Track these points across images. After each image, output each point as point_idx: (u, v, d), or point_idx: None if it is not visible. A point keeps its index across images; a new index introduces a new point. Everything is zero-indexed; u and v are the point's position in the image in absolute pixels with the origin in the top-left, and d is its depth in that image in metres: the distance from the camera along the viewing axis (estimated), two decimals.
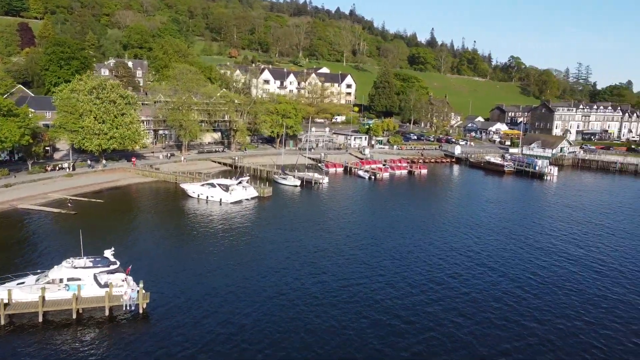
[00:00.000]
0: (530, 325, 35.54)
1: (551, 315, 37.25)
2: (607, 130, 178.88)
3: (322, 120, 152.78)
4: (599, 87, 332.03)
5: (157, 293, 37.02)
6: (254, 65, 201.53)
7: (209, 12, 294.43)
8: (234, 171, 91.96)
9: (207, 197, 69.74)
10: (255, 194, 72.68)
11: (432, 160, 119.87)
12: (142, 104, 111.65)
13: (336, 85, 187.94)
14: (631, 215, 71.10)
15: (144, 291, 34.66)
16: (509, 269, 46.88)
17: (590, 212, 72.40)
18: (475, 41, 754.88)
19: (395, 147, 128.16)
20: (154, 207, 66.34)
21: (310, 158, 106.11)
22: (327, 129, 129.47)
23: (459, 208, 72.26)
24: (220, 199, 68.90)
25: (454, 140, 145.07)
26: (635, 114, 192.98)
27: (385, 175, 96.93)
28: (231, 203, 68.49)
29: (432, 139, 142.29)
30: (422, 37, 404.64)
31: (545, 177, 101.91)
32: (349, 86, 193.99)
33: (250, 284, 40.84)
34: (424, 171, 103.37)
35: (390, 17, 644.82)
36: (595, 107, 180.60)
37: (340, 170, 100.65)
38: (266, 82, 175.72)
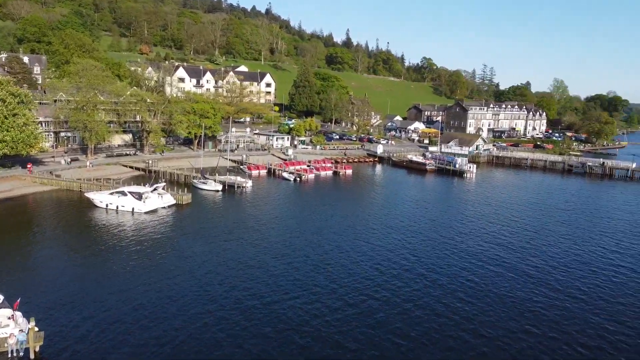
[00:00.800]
0: (467, 337, 33.76)
1: (493, 325, 35.80)
2: (514, 128, 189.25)
3: (242, 120, 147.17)
4: (501, 88, 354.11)
5: (54, 331, 30.85)
6: (167, 62, 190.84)
7: (116, 6, 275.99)
8: (148, 176, 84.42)
9: (117, 206, 62.52)
10: (173, 201, 66.41)
11: (356, 160, 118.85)
12: (40, 103, 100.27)
13: (255, 84, 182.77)
14: (549, 211, 73.48)
15: (36, 329, 28.44)
16: (441, 275, 45.33)
17: (512, 209, 73.90)
18: (388, 42, 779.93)
19: (318, 147, 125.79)
20: (53, 221, 58.16)
21: (231, 160, 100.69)
22: (248, 130, 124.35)
23: (386, 210, 70.73)
24: (133, 209, 61.99)
25: (375, 139, 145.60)
26: (538, 113, 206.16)
27: (311, 176, 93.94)
28: (145, 213, 61.82)
29: (355, 139, 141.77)
30: (338, 38, 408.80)
31: (465, 175, 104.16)
32: (268, 85, 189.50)
33: (165, 308, 35.67)
34: (349, 171, 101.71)
35: (307, 17, 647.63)
36: (503, 106, 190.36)
37: (263, 172, 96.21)
38: (181, 80, 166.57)
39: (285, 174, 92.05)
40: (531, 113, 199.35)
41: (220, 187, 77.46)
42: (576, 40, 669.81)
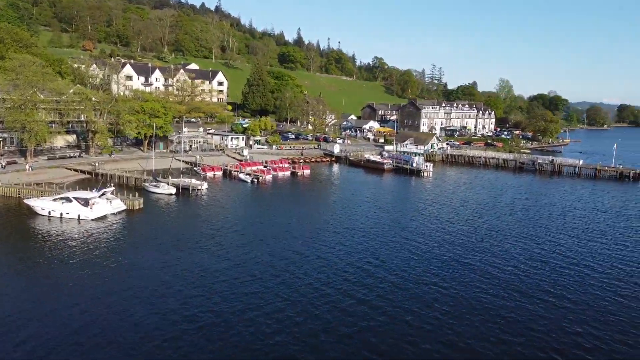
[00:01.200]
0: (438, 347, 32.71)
1: (465, 332, 34.92)
2: (465, 127, 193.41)
3: (194, 120, 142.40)
4: (450, 87, 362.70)
5: None
6: (112, 59, 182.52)
7: (56, 0, 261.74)
8: (94, 180, 79.49)
9: (62, 214, 57.96)
10: (123, 206, 62.38)
11: (313, 160, 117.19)
12: None
13: (207, 82, 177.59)
14: (507, 210, 74.36)
15: None
16: (407, 280, 44.30)
17: (471, 208, 74.31)
18: (340, 42, 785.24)
19: (274, 147, 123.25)
20: None
21: (184, 161, 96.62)
22: (201, 129, 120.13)
23: (347, 211, 69.28)
24: (79, 216, 57.63)
25: (331, 139, 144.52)
26: (487, 112, 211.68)
27: (268, 177, 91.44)
28: (93, 220, 57.61)
29: (311, 138, 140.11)
30: (290, 37, 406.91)
31: (422, 174, 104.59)
32: (220, 84, 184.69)
33: (116, 326, 32.61)
34: (307, 172, 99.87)
35: (257, 16, 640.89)
36: (455, 105, 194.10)
37: (219, 174, 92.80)
38: (129, 78, 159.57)
39: (241, 176, 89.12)
40: (481, 112, 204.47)
41: (173, 191, 73.75)
42: (520, 42, 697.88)
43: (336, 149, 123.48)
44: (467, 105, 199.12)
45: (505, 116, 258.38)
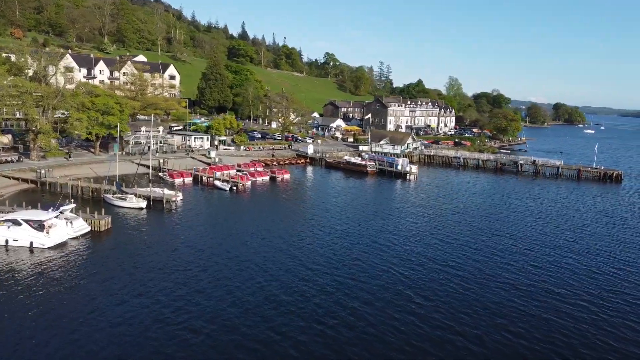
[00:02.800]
0: None
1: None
2: (429, 125, 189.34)
3: (146, 118, 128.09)
4: (395, 85, 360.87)
5: None
6: (47, 48, 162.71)
7: None
8: (40, 190, 65.83)
9: (7, 241, 45.04)
10: (87, 228, 49.99)
11: (286, 162, 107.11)
12: None
13: (158, 76, 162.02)
14: (513, 216, 68.07)
15: None
16: (436, 312, 35.95)
17: (473, 215, 67.50)
18: (285, 37, 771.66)
19: (242, 147, 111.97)
20: None
21: (144, 165, 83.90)
22: (160, 128, 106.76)
23: (346, 225, 59.83)
24: (32, 244, 44.90)
25: (299, 138, 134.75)
26: (448, 110, 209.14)
27: (248, 184, 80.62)
28: (50, 248, 45.04)
29: (279, 138, 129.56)
30: (234, 30, 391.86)
31: (408, 177, 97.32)
32: (172, 77, 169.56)
33: None
34: (287, 176, 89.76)
35: (200, 8, 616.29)
36: (419, 103, 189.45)
37: (189, 180, 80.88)
38: (69, 70, 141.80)
39: (218, 183, 77.63)
40: (442, 110, 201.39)
41: (144, 204, 61.65)
42: (465, 40, 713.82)
43: (310, 149, 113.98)
44: (430, 104, 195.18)
45: (460, 114, 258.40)
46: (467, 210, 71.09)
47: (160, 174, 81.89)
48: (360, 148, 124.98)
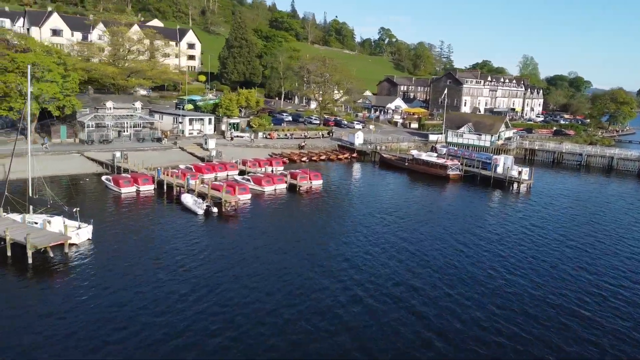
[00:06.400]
0: None
1: None
2: (514, 109, 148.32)
3: (145, 92, 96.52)
4: (456, 66, 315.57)
5: None
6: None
7: None
8: None
9: None
10: None
11: (322, 157, 72.34)
12: None
13: (173, 44, 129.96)
14: None
15: None
16: None
17: None
18: (337, 16, 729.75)
19: (260, 135, 78.00)
20: None
21: (96, 161, 51.80)
22: (138, 105, 74.42)
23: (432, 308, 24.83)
24: None
25: (344, 122, 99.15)
26: (535, 91, 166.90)
27: (245, 199, 46.18)
28: None
29: (317, 122, 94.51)
30: (283, 8, 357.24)
31: (514, 187, 60.29)
32: (191, 46, 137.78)
33: None
34: (318, 183, 54.81)
35: None
36: (502, 80, 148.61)
37: (148, 189, 47.59)
38: (56, 33, 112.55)
39: (186, 200, 43.24)
40: (529, 91, 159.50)
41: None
42: (538, 20, 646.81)
43: (357, 138, 78.47)
44: (514, 82, 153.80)
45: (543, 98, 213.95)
46: None
47: (104, 178, 49.03)
48: (431, 138, 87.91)
